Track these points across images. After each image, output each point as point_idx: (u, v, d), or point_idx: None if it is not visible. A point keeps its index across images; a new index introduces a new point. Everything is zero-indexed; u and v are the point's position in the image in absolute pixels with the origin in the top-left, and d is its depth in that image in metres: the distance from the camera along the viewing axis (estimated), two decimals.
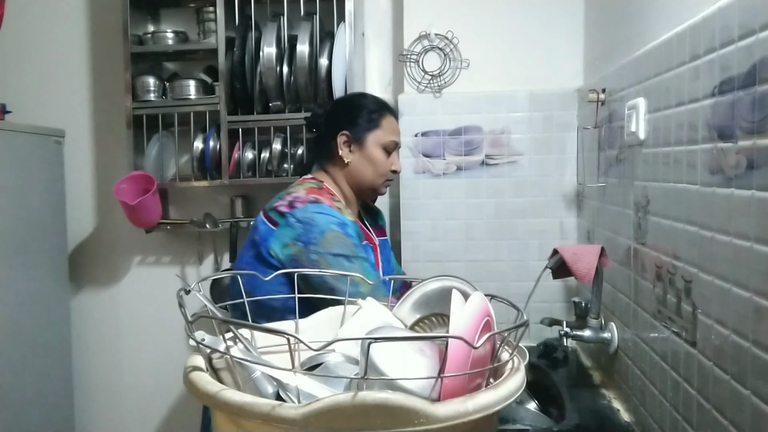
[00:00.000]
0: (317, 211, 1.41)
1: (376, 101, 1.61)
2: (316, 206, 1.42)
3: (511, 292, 0.96)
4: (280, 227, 1.41)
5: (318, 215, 1.40)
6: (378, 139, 1.55)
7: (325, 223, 1.39)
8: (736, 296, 0.88)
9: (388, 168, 1.56)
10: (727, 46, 0.90)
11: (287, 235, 1.40)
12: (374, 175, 1.56)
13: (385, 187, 1.60)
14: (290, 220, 1.41)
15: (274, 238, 1.41)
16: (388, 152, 1.56)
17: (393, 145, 1.57)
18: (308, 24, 1.99)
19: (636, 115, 1.31)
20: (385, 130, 1.56)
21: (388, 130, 1.56)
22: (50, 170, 2.24)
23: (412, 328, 0.97)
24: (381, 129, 1.55)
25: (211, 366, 0.82)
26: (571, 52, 2.03)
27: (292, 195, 1.46)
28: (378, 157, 1.55)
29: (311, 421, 0.63)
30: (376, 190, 1.59)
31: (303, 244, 1.38)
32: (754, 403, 0.83)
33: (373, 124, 1.55)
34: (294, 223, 1.40)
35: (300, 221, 1.40)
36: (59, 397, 2.25)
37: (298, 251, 1.38)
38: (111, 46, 2.26)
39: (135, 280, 2.40)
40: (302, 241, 1.38)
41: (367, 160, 1.54)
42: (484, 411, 0.67)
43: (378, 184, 1.57)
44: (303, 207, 1.42)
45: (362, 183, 1.56)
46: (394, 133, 1.58)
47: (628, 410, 1.42)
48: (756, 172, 0.82)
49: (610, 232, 1.59)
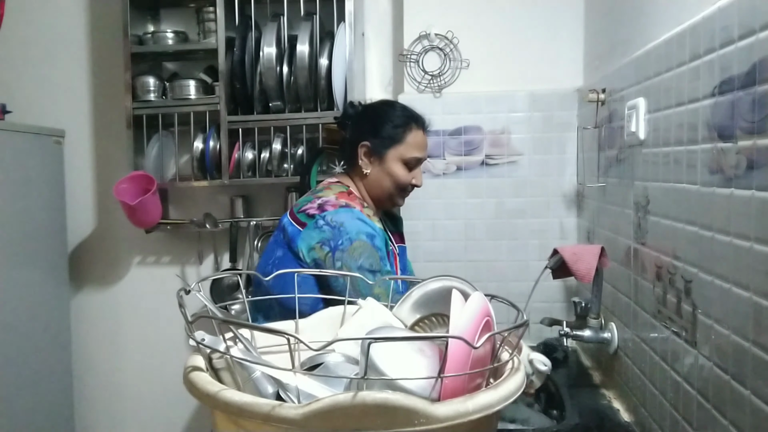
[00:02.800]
0: (349, 216, 1.40)
1: (404, 114, 1.55)
2: (347, 211, 1.41)
3: (511, 292, 0.95)
4: (308, 228, 1.40)
5: (349, 222, 1.39)
6: (399, 155, 1.51)
7: (355, 231, 1.38)
8: (736, 296, 0.88)
9: (407, 182, 1.54)
10: (727, 46, 0.90)
11: (314, 237, 1.39)
12: (392, 189, 1.53)
13: (402, 199, 1.58)
14: (319, 222, 1.39)
15: (300, 239, 1.40)
16: (409, 167, 1.53)
17: (414, 161, 1.53)
18: (308, 24, 1.99)
19: (636, 115, 1.31)
20: (408, 145, 1.51)
21: (411, 145, 1.52)
22: (50, 170, 2.24)
23: (412, 328, 0.97)
24: (403, 144, 1.51)
25: (211, 366, 0.82)
26: (571, 52, 2.03)
27: (321, 198, 1.45)
28: (397, 172, 1.52)
29: (311, 421, 0.63)
30: (393, 201, 1.57)
31: (329, 249, 1.36)
32: (754, 403, 0.83)
33: (395, 138, 1.51)
34: (323, 225, 1.39)
35: (329, 225, 1.38)
36: (59, 397, 2.25)
37: (324, 256, 1.37)
38: (111, 46, 2.26)
39: (135, 280, 2.40)
40: (329, 246, 1.37)
41: (386, 173, 1.52)
42: (484, 411, 0.67)
43: (395, 197, 1.56)
44: (334, 211, 1.40)
45: (380, 194, 1.55)
46: (417, 149, 1.53)
47: (628, 410, 1.42)
48: (756, 172, 0.82)
49: (610, 232, 1.59)
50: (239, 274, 1.07)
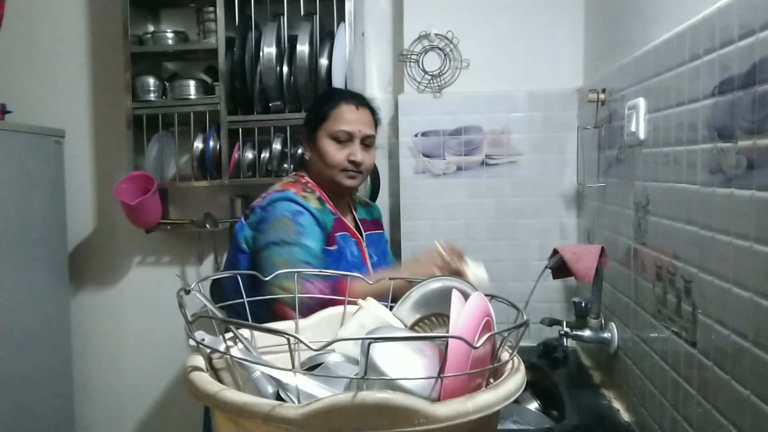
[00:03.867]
0: (278, 198, 1.43)
1: (333, 93, 1.57)
2: (281, 194, 1.45)
3: (511, 292, 0.95)
4: (249, 220, 1.46)
5: (279, 203, 1.42)
6: (326, 131, 1.49)
7: (279, 210, 1.41)
8: (736, 296, 0.88)
9: (341, 159, 1.48)
10: (727, 46, 0.90)
11: (252, 224, 1.45)
12: (329, 169, 1.49)
13: (349, 179, 1.51)
14: (257, 211, 1.45)
15: (242, 231, 1.46)
16: (339, 142, 1.49)
17: (344, 134, 1.48)
18: (308, 24, 1.99)
19: (636, 115, 1.31)
20: (333, 120, 1.49)
21: (337, 119, 1.49)
22: (50, 170, 2.24)
23: (412, 328, 0.97)
24: (329, 120, 1.49)
25: (211, 366, 0.82)
26: (571, 52, 2.03)
27: (267, 191, 1.50)
28: (327, 149, 1.48)
29: (311, 421, 0.63)
30: (336, 182, 1.51)
31: (256, 232, 1.42)
32: (754, 403, 0.83)
33: (321, 116, 1.51)
34: (259, 213, 1.44)
35: (262, 209, 1.44)
36: (59, 397, 2.25)
37: (253, 239, 1.43)
38: (111, 46, 2.26)
39: (135, 280, 2.40)
40: (256, 228, 1.43)
41: (318, 154, 1.51)
42: (484, 411, 0.67)
43: (336, 176, 1.50)
44: (269, 198, 1.45)
45: (323, 178, 1.52)
46: (344, 123, 1.48)
47: (628, 410, 1.42)
48: (756, 172, 0.82)
49: (610, 232, 1.59)
50: (239, 274, 1.07)
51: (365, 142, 1.52)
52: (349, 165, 1.49)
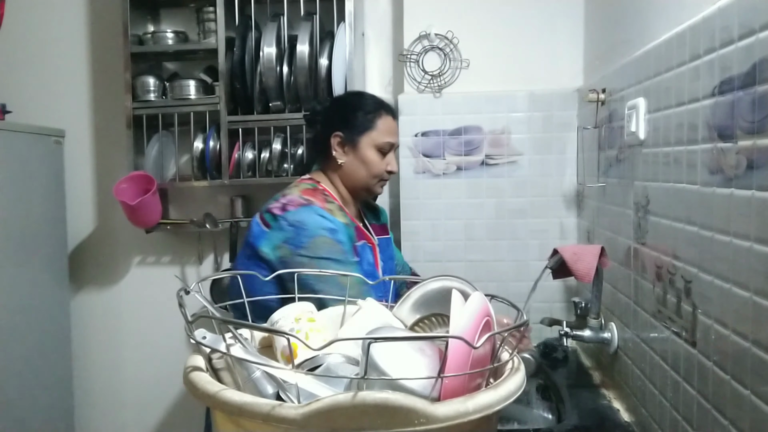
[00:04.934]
0: (308, 213, 1.41)
1: (373, 101, 1.58)
2: (307, 209, 1.42)
3: (511, 292, 0.95)
4: (272, 230, 1.42)
5: (309, 219, 1.40)
6: (372, 141, 1.52)
7: (314, 227, 1.39)
8: (736, 296, 0.88)
9: (382, 169, 1.54)
10: (727, 46, 0.90)
11: (278, 237, 1.41)
12: (368, 177, 1.54)
13: (380, 187, 1.58)
14: (281, 223, 1.41)
15: (265, 239, 1.42)
16: (383, 153, 1.54)
17: (388, 146, 1.54)
18: (308, 24, 1.99)
19: (636, 115, 1.31)
20: (380, 131, 1.53)
21: (383, 131, 1.53)
22: (50, 170, 2.24)
23: (412, 328, 0.97)
24: (375, 130, 1.53)
25: (211, 366, 0.82)
26: (571, 52, 2.03)
27: (286, 197, 1.47)
28: (372, 158, 1.52)
29: (311, 421, 0.63)
30: (370, 190, 1.57)
31: (293, 247, 1.38)
32: (754, 403, 0.83)
33: (367, 125, 1.52)
34: (285, 226, 1.41)
35: (291, 224, 1.40)
36: (59, 397, 2.25)
37: (287, 254, 1.39)
38: (111, 46, 2.26)
39: (135, 280, 2.40)
40: (292, 244, 1.39)
41: (360, 161, 1.52)
42: (484, 411, 0.67)
43: (372, 185, 1.55)
44: (294, 210, 1.42)
45: (356, 184, 1.55)
46: (389, 134, 1.55)
47: (628, 410, 1.42)
48: (756, 172, 0.82)
49: (610, 232, 1.59)
50: (239, 274, 1.07)
51: (395, 151, 1.59)
52: (386, 174, 1.56)
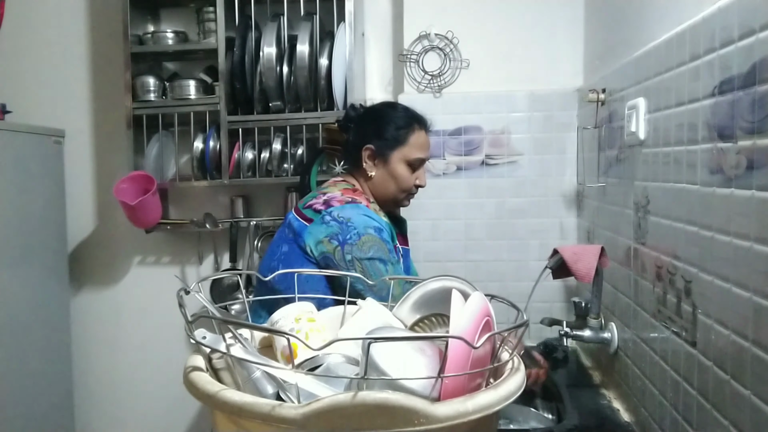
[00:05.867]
0: (356, 212, 1.40)
1: (406, 115, 1.54)
2: (354, 207, 1.41)
3: (511, 292, 0.95)
4: (315, 224, 1.40)
5: (356, 217, 1.39)
6: (403, 156, 1.50)
7: (362, 225, 1.38)
8: (736, 296, 0.88)
9: (411, 183, 1.53)
10: (727, 46, 0.91)
11: (322, 231, 1.39)
12: (396, 191, 1.53)
13: (407, 201, 1.58)
14: (326, 218, 1.40)
15: (307, 233, 1.40)
16: (413, 168, 1.52)
17: (419, 162, 1.52)
18: (308, 24, 1.99)
19: (636, 115, 1.31)
20: (411, 146, 1.51)
21: (414, 146, 1.51)
22: (50, 170, 2.24)
23: (412, 328, 0.97)
24: (407, 146, 1.51)
25: (211, 366, 0.82)
26: (571, 52, 2.03)
27: (327, 194, 1.45)
28: (402, 173, 1.51)
29: (311, 421, 0.63)
30: (398, 203, 1.57)
31: (338, 243, 1.37)
32: (754, 403, 0.83)
33: (399, 140, 1.50)
34: (330, 221, 1.39)
35: (336, 220, 1.39)
36: (59, 397, 2.25)
37: (333, 249, 1.37)
38: (111, 46, 2.26)
39: (135, 280, 2.40)
40: (338, 240, 1.37)
41: (391, 175, 1.51)
42: (484, 411, 0.67)
43: (400, 199, 1.55)
44: (340, 206, 1.41)
45: (385, 196, 1.54)
46: (421, 150, 1.53)
47: (628, 410, 1.42)
48: (756, 172, 0.82)
49: (610, 232, 1.59)
50: (239, 274, 1.07)
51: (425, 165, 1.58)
52: (414, 189, 1.55)
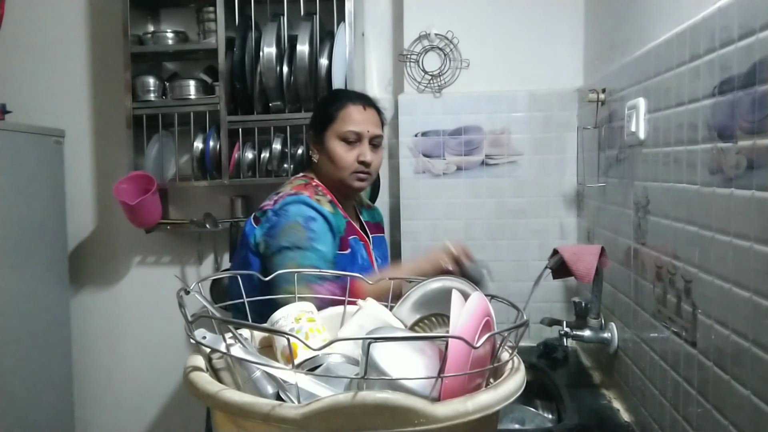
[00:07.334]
0: (292, 201, 1.40)
1: (337, 94, 1.54)
2: (294, 198, 1.41)
3: (511, 292, 0.95)
4: (261, 224, 1.42)
5: (292, 207, 1.39)
6: (335, 132, 1.47)
7: (292, 214, 1.38)
8: (736, 296, 0.88)
9: (352, 160, 1.46)
10: (727, 46, 0.90)
11: (263, 228, 1.41)
12: (339, 170, 1.47)
13: (358, 181, 1.49)
14: (269, 214, 1.41)
15: (254, 235, 1.42)
16: (349, 143, 1.47)
17: (353, 135, 1.46)
18: (308, 24, 1.99)
19: (636, 115, 1.31)
20: (341, 120, 1.47)
21: (346, 120, 1.47)
22: (50, 170, 2.24)
23: (412, 328, 0.97)
24: (337, 121, 1.47)
25: (211, 366, 0.82)
26: (571, 52, 2.03)
27: (279, 193, 1.47)
28: (336, 150, 1.46)
29: (311, 421, 0.63)
30: (346, 184, 1.49)
31: (268, 238, 1.38)
32: (754, 403, 0.83)
33: (328, 117, 1.49)
34: (271, 217, 1.40)
35: (276, 214, 1.40)
36: (59, 397, 2.25)
37: (264, 246, 1.39)
38: (111, 46, 2.26)
39: (135, 280, 2.40)
40: (268, 234, 1.39)
41: (328, 156, 1.48)
42: (484, 411, 0.67)
43: (346, 178, 1.48)
44: (282, 201, 1.42)
45: (332, 180, 1.50)
46: (352, 123, 1.47)
47: (628, 410, 1.42)
48: (756, 172, 0.82)
49: (610, 232, 1.59)
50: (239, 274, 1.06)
51: (373, 142, 1.50)
52: (359, 166, 1.47)
